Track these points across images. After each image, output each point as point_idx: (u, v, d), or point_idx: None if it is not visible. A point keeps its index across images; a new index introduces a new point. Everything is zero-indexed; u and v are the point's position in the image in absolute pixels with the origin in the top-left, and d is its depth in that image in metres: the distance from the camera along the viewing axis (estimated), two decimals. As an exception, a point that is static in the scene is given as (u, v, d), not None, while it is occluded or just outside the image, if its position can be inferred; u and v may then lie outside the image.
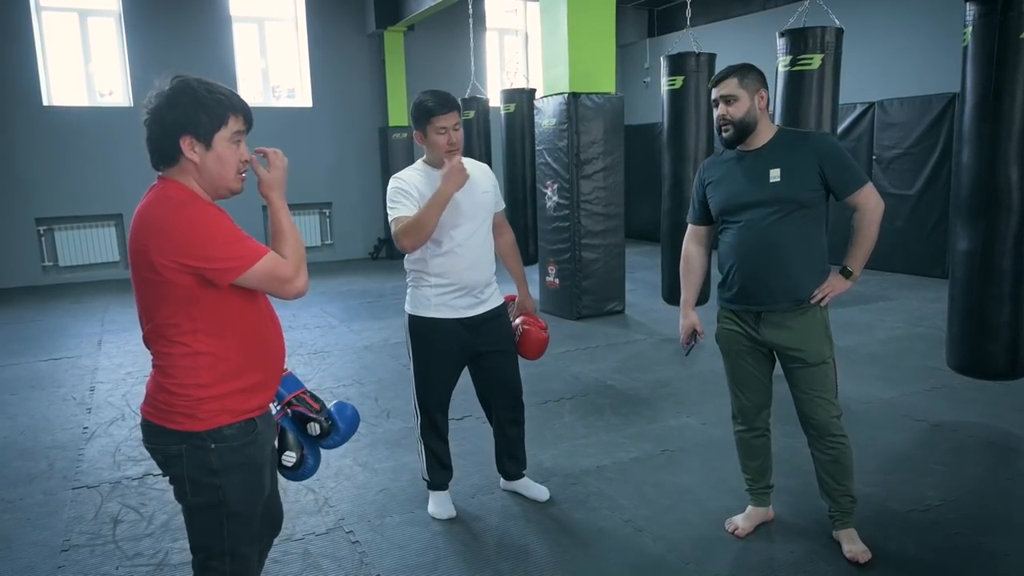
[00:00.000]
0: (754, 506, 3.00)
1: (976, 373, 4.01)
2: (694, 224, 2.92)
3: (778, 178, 2.58)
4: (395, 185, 2.91)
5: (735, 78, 2.62)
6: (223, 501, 1.83)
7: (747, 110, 2.61)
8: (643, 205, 12.11)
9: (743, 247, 2.66)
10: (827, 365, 2.69)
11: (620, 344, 5.99)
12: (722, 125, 2.65)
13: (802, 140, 2.65)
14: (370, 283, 9.29)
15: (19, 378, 5.45)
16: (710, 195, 2.78)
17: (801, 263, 2.62)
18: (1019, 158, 3.63)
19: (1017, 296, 3.76)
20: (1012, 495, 3.25)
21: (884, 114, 8.77)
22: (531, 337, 3.16)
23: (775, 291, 2.63)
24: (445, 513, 3.15)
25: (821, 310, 2.68)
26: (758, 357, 2.79)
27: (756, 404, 2.87)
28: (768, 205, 2.59)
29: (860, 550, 2.72)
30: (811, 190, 2.58)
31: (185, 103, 1.73)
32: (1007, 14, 3.51)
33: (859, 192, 2.58)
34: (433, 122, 2.85)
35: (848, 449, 2.73)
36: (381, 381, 5.14)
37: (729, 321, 2.80)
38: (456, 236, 2.90)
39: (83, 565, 2.85)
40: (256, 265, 1.74)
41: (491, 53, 12.44)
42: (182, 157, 1.75)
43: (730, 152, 2.75)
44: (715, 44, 7.62)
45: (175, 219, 1.70)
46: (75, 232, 9.90)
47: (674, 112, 6.20)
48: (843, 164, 2.59)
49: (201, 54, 10.14)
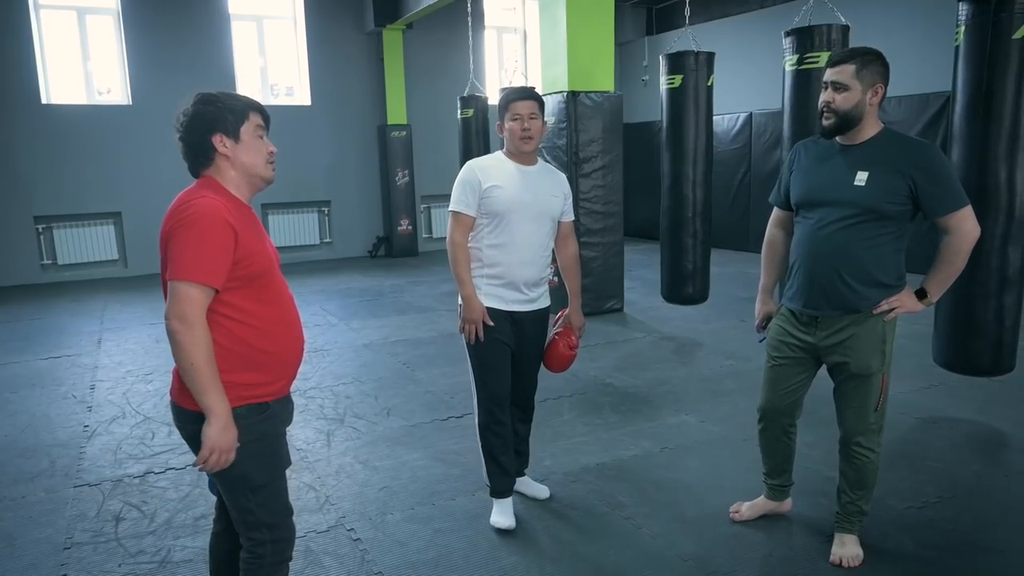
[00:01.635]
0: (765, 497, 3.00)
1: (962, 369, 4.07)
2: (778, 207, 2.78)
3: (863, 182, 2.39)
4: (464, 174, 2.94)
5: (853, 65, 2.39)
6: (243, 475, 1.93)
7: (856, 103, 2.39)
8: (642, 203, 12.14)
9: (810, 246, 2.52)
10: (873, 379, 2.54)
11: (619, 342, 6.00)
12: (824, 112, 2.44)
13: (903, 146, 2.43)
14: (369, 281, 9.30)
15: (19, 376, 5.46)
16: (793, 181, 2.63)
17: (866, 277, 2.45)
18: (1009, 157, 3.68)
19: (1003, 293, 3.82)
20: (1008, 492, 3.27)
21: (882, 112, 8.72)
22: (556, 351, 3.12)
23: (832, 299, 2.50)
24: (507, 522, 3.01)
25: (882, 322, 2.50)
26: (802, 362, 2.67)
27: (779, 408, 2.77)
28: (845, 207, 2.42)
29: (849, 554, 2.67)
30: (895, 202, 2.38)
31: (211, 109, 1.93)
32: (1000, 14, 3.54)
33: (953, 215, 2.36)
34: (510, 108, 2.89)
35: (871, 464, 2.62)
36: (381, 379, 5.15)
37: (784, 319, 2.69)
38: (515, 233, 2.89)
39: (86, 563, 2.87)
40: (183, 283, 1.79)
41: (490, 51, 12.45)
42: (216, 155, 1.94)
43: (827, 140, 2.54)
44: (714, 42, 7.64)
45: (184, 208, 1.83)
46: (74, 230, 9.90)
47: (673, 111, 6.21)
48: (940, 180, 2.36)
49: (200, 52, 10.15)
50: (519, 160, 2.95)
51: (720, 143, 10.68)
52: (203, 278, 1.79)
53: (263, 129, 2.01)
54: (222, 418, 1.82)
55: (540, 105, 2.94)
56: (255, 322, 1.91)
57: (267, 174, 2.01)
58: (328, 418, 4.39)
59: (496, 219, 2.88)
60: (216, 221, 1.82)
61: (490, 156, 3.04)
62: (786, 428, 2.84)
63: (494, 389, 2.99)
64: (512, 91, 2.98)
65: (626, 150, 7.18)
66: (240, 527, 2.03)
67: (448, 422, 4.27)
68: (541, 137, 2.96)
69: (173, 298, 1.80)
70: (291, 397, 2.12)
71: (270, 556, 2.02)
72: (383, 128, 11.36)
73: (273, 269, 1.99)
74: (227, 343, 1.86)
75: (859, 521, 2.73)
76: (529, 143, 2.90)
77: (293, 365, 2.05)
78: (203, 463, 1.84)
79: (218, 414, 1.82)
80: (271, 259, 1.99)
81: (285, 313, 2.00)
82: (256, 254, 1.90)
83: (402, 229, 11.60)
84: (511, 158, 2.96)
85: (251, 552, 2.02)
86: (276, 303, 1.97)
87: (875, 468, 2.66)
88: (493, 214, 2.88)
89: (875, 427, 2.61)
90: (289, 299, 2.05)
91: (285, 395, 2.05)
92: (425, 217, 12.25)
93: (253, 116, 1.97)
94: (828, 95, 2.43)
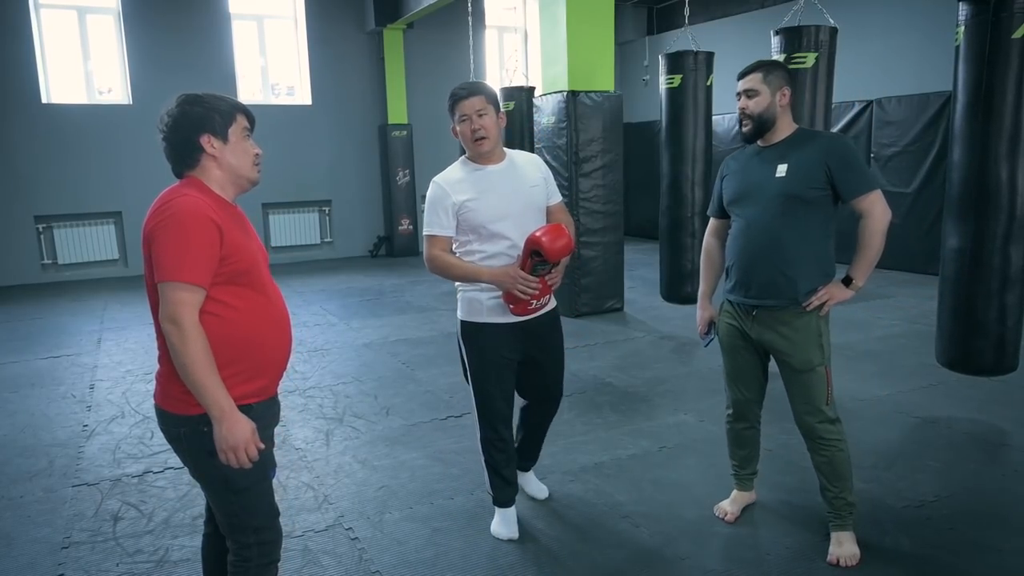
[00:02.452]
0: (739, 491, 3.09)
1: (964, 368, 4.07)
2: (714, 217, 2.95)
3: (784, 173, 2.59)
4: (432, 193, 2.73)
5: (760, 73, 2.64)
6: (225, 479, 1.92)
7: (767, 106, 2.62)
8: (642, 203, 12.13)
9: (744, 239, 2.68)
10: (816, 372, 2.65)
11: (619, 342, 6.00)
12: (742, 120, 2.67)
13: (816, 139, 2.65)
14: (370, 281, 9.30)
15: (19, 376, 5.47)
16: (725, 187, 2.81)
17: (800, 262, 2.60)
18: (1010, 157, 3.68)
19: (1005, 293, 3.82)
20: (1006, 491, 3.27)
21: (882, 112, 8.78)
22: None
23: (769, 286, 2.64)
24: (507, 533, 2.95)
25: (817, 317, 2.64)
26: (753, 353, 2.81)
27: (748, 399, 2.91)
28: (771, 199, 2.60)
29: (846, 554, 2.69)
30: (815, 188, 2.56)
31: (198, 109, 1.91)
32: (999, 14, 3.54)
33: (865, 197, 2.55)
34: (456, 110, 2.69)
35: (842, 453, 2.69)
36: (381, 379, 5.15)
37: (728, 315, 2.83)
38: (505, 238, 2.69)
39: (84, 562, 2.87)
40: (171, 284, 1.78)
41: (490, 51, 12.45)
42: (203, 156, 1.92)
43: (751, 147, 2.76)
44: (713, 42, 7.63)
45: (166, 207, 1.82)
46: (74, 230, 9.91)
47: (672, 110, 6.22)
48: (851, 165, 2.56)
49: (200, 51, 10.16)
50: (483, 162, 2.74)
51: (719, 143, 10.66)
52: (189, 277, 1.78)
53: (248, 131, 2.00)
54: (225, 416, 1.81)
55: (488, 97, 2.69)
56: (240, 319, 1.89)
57: (253, 175, 2.00)
58: (327, 417, 4.40)
59: (480, 231, 2.69)
60: (198, 218, 1.80)
61: (453, 167, 2.79)
62: (757, 417, 2.97)
63: (496, 407, 2.86)
64: (455, 90, 2.71)
65: (626, 150, 7.18)
66: (226, 530, 2.02)
67: (447, 421, 4.27)
68: (500, 131, 2.73)
69: (162, 300, 1.79)
70: (277, 399, 2.10)
71: (256, 558, 2.01)
72: (384, 128, 11.36)
73: (259, 267, 1.97)
74: (211, 341, 1.83)
75: (850, 515, 2.75)
76: (484, 143, 2.67)
77: (278, 365, 2.02)
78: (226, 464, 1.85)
79: (220, 413, 1.81)
80: (257, 257, 1.96)
81: (271, 312, 1.98)
82: (241, 251, 1.88)
83: (403, 229, 11.61)
84: (474, 162, 2.75)
85: (237, 555, 2.02)
86: (261, 301, 1.95)
87: (846, 456, 2.72)
88: (476, 227, 2.70)
89: (832, 418, 2.70)
90: (277, 298, 2.03)
91: (271, 396, 2.02)
92: (426, 217, 12.24)
93: (240, 118, 1.97)
94: (742, 103, 2.66)
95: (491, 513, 3.09)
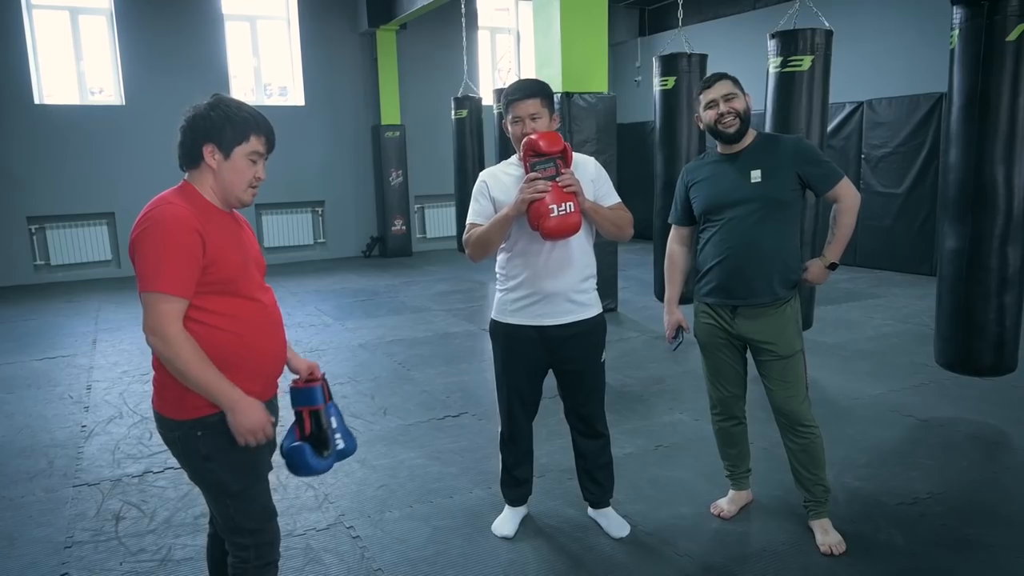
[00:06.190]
0: (736, 490, 3.14)
1: (963, 369, 4.10)
2: (677, 225, 3.07)
3: (759, 179, 2.72)
4: (476, 186, 2.76)
5: (729, 80, 2.79)
6: (219, 483, 1.95)
7: (745, 106, 2.77)
8: (635, 203, 12.01)
9: (725, 244, 2.77)
10: (798, 357, 2.81)
11: (613, 341, 6.01)
12: (729, 120, 2.75)
13: (780, 143, 2.81)
14: (363, 281, 9.32)
15: (14, 377, 5.46)
16: (693, 196, 2.90)
17: (779, 260, 2.75)
18: (1005, 158, 3.72)
19: (1003, 293, 3.86)
20: (998, 488, 3.33)
21: (873, 113, 8.86)
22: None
23: (754, 286, 2.75)
24: (503, 531, 2.97)
25: (792, 305, 2.81)
26: (733, 349, 2.91)
27: (733, 394, 3.00)
28: (749, 204, 2.72)
29: (834, 541, 2.80)
30: (790, 189, 2.73)
31: (216, 115, 1.89)
32: (993, 17, 3.59)
33: (837, 187, 2.73)
34: (510, 110, 2.67)
35: (818, 439, 2.83)
36: (377, 379, 5.17)
37: (706, 315, 2.92)
38: (538, 240, 2.62)
39: (87, 561, 2.89)
40: (152, 294, 1.78)
41: (483, 52, 12.47)
42: (203, 162, 1.92)
43: (711, 156, 2.90)
44: (706, 43, 7.68)
45: (147, 217, 1.82)
46: (67, 231, 9.88)
47: (666, 112, 6.26)
48: (818, 163, 2.75)
49: (193, 52, 10.14)
50: None
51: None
52: (168, 287, 1.77)
53: (260, 156, 1.95)
54: (236, 404, 1.83)
55: (545, 100, 2.68)
56: (228, 327, 1.88)
57: (245, 198, 1.96)
58: (325, 417, 4.41)
59: (517, 231, 2.65)
60: (178, 228, 1.79)
61: (504, 162, 2.81)
62: (743, 412, 3.05)
63: (511, 407, 2.90)
64: (511, 89, 2.69)
65: (619, 150, 7.22)
66: (223, 532, 2.05)
67: (444, 421, 4.30)
68: None
69: (144, 311, 1.79)
70: (275, 402, 2.09)
71: (254, 560, 2.03)
72: (377, 128, 11.37)
73: (248, 275, 1.95)
74: (202, 346, 1.83)
75: (827, 500, 2.87)
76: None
77: (269, 372, 2.02)
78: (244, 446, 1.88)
79: (230, 403, 1.83)
80: (243, 265, 1.94)
81: (260, 319, 1.96)
82: (225, 260, 1.87)
83: (396, 229, 11.61)
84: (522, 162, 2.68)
85: (236, 556, 2.04)
86: (250, 309, 1.94)
87: (822, 441, 2.84)
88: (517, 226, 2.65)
89: (807, 403, 2.83)
90: (269, 304, 2.01)
91: (266, 401, 2.00)
92: (419, 217, 12.26)
93: (255, 139, 1.93)
94: (724, 106, 2.74)
95: (490, 510, 3.14)
